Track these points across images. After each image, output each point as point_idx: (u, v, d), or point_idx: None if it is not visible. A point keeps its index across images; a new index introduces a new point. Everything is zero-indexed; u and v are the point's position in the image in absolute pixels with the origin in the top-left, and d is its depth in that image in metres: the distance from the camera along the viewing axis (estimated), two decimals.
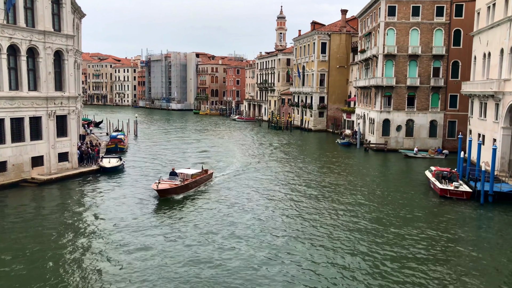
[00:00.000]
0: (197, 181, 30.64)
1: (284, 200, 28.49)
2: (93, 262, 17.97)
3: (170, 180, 28.69)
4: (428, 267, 17.99)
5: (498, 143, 34.08)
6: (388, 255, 19.16)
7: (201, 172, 32.27)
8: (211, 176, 33.84)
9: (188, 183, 29.15)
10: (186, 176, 29.67)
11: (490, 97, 35.99)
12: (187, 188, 29.06)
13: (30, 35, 30.81)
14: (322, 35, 72.04)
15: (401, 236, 21.56)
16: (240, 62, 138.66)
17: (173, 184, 28.06)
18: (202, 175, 31.97)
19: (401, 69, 51.04)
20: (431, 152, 47.15)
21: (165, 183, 27.83)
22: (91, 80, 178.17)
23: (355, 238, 21.17)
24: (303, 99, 78.32)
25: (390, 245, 20.28)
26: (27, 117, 31.16)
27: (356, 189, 31.69)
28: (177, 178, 28.92)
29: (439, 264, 18.29)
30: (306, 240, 20.79)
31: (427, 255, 19.27)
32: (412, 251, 19.68)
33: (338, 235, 21.67)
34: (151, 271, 17.26)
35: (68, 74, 34.22)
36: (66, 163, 34.49)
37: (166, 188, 27.43)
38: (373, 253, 19.36)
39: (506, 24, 33.84)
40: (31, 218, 23.85)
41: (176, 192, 28.05)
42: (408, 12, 50.09)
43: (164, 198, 27.43)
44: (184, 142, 58.72)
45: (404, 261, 18.56)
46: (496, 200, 27.71)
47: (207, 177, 32.82)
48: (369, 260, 18.55)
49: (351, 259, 18.68)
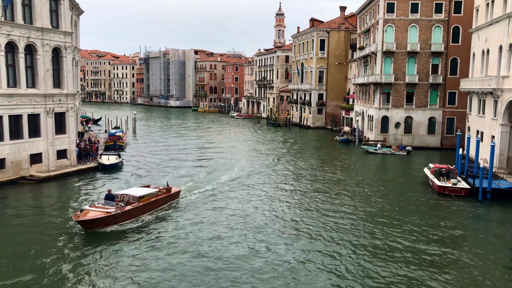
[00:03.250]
0: (149, 205, 23.87)
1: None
2: (91, 259, 17.99)
3: (103, 206, 21.95)
4: (425, 264, 18.03)
5: (497, 140, 34.12)
6: (384, 249, 19.21)
7: (158, 192, 25.16)
8: (177, 195, 26.79)
9: (130, 209, 22.35)
10: (131, 199, 22.95)
11: (489, 94, 36.01)
12: (128, 216, 22.29)
13: (28, 32, 30.71)
14: (321, 32, 71.94)
15: (399, 232, 21.58)
16: (238, 59, 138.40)
17: (104, 212, 21.26)
18: (159, 196, 24.84)
19: (399, 66, 51.02)
20: (394, 149, 47.48)
21: (95, 211, 21.33)
22: (89, 77, 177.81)
23: (351, 234, 21.21)
24: (301, 96, 78.28)
25: (387, 240, 20.32)
26: (26, 114, 31.10)
27: (354, 186, 31.71)
28: (113, 204, 22.16)
29: (436, 261, 18.32)
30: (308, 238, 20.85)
31: (425, 251, 19.30)
32: (410, 246, 19.71)
33: (340, 235, 21.71)
34: (155, 272, 17.25)
35: (67, 71, 34.14)
36: (64, 160, 34.46)
37: (91, 218, 20.72)
38: (366, 247, 19.41)
39: (505, 21, 33.82)
40: (29, 215, 23.85)
41: (106, 223, 21.19)
42: (406, 9, 50.04)
43: (91, 231, 20.93)
44: (183, 139, 58.68)
45: (401, 256, 18.60)
46: (495, 197, 27.77)
47: (168, 198, 25.75)
48: (361, 255, 18.61)
49: (347, 251, 18.76)
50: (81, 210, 21.44)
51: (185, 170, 36.46)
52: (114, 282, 16.15)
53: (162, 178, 32.94)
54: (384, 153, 46.90)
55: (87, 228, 20.88)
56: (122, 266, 17.51)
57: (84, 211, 21.29)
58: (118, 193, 23.59)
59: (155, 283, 16.10)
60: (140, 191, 24.07)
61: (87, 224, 20.75)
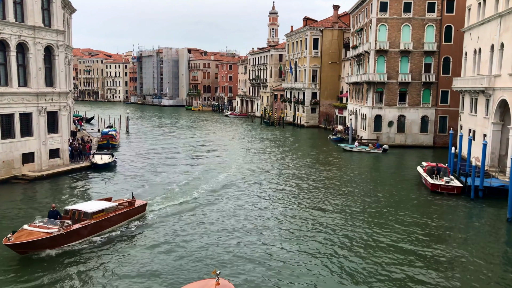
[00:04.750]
0: (105, 222, 20.38)
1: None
2: (82, 259, 17.90)
3: (43, 225, 18.41)
4: (417, 261, 18.13)
5: (489, 138, 34.39)
6: (377, 247, 19.31)
7: (118, 207, 21.63)
8: (142, 209, 23.16)
9: (78, 229, 18.93)
10: (82, 215, 19.57)
11: (481, 92, 36.26)
12: (76, 237, 18.89)
13: (20, 30, 30.44)
14: (314, 31, 72.04)
15: (392, 229, 21.69)
16: (232, 57, 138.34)
17: (43, 233, 17.70)
18: (119, 212, 21.31)
19: (392, 65, 51.23)
20: (370, 147, 48.02)
21: (32, 231, 17.82)
22: (82, 76, 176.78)
23: (345, 231, 21.30)
24: (295, 95, 78.37)
25: (381, 237, 20.42)
26: (17, 113, 30.83)
27: (348, 185, 31.82)
28: (57, 223, 18.61)
29: (428, 258, 18.44)
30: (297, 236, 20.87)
31: (417, 248, 19.42)
32: (402, 244, 19.82)
33: (333, 233, 21.77)
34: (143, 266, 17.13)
35: (59, 69, 33.91)
36: (57, 159, 34.24)
37: (25, 242, 17.22)
38: (358, 242, 19.50)
39: (497, 20, 34.07)
40: (21, 215, 23.64)
41: (45, 245, 17.72)
42: (399, 8, 50.25)
43: (26, 255, 17.59)
44: (176, 138, 58.54)
45: (393, 253, 18.69)
46: (486, 195, 27.99)
47: (131, 212, 22.14)
48: (354, 251, 18.69)
49: (341, 249, 18.83)
50: (13, 232, 17.67)
51: (168, 174, 34.16)
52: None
53: (154, 177, 32.85)
54: (360, 151, 47.40)
55: (21, 253, 17.48)
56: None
57: (20, 231, 17.87)
58: (68, 208, 20.08)
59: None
60: (94, 206, 20.44)
61: (19, 248, 17.27)
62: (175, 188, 29.65)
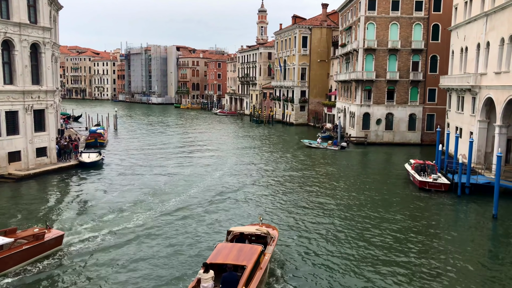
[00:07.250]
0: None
1: None
2: (72, 259, 17.74)
3: None
4: (403, 258, 18.30)
5: (475, 136, 34.82)
6: (365, 242, 19.45)
7: (17, 242, 16.76)
8: (58, 243, 18.05)
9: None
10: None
11: (467, 91, 36.69)
12: None
13: (5, 27, 29.99)
14: (303, 29, 72.16)
15: (379, 226, 21.86)
16: (221, 55, 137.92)
17: None
18: (19, 249, 16.36)
19: (381, 63, 51.56)
20: (329, 144, 49.06)
21: None
22: (69, 73, 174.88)
23: (334, 226, 21.43)
24: (284, 93, 78.48)
25: (367, 233, 20.57)
26: (3, 111, 30.41)
27: (336, 182, 31.98)
28: None
29: (414, 254, 18.63)
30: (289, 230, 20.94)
31: (403, 245, 19.59)
32: (389, 241, 19.99)
33: (324, 231, 21.89)
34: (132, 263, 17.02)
35: (46, 67, 33.50)
36: (44, 158, 33.87)
37: None
38: (347, 239, 19.63)
39: (483, 19, 34.47)
40: (7, 214, 23.36)
41: None
42: (387, 6, 50.56)
43: None
44: (164, 136, 58.24)
45: (379, 251, 18.85)
46: (473, 191, 28.36)
47: (38, 249, 17.04)
48: (343, 246, 18.82)
49: (331, 246, 18.94)
50: None
51: (150, 177, 32.18)
52: None
53: (140, 178, 32.63)
54: (317, 147, 48.55)
55: None
56: None
57: None
58: None
59: None
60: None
61: None
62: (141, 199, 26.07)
